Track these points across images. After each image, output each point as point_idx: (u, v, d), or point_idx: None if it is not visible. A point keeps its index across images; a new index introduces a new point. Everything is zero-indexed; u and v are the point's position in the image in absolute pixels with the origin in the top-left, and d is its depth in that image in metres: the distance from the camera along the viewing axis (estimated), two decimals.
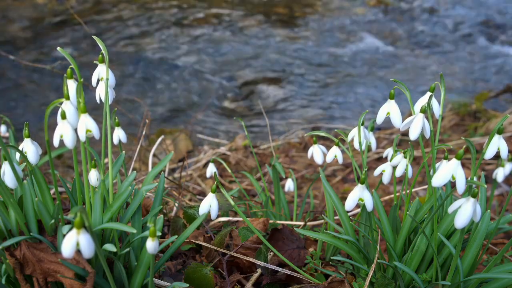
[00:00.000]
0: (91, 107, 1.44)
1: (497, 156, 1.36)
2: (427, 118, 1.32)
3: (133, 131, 4.48)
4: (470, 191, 1.20)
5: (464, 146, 1.24)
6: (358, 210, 2.09)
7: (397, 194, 1.81)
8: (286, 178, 2.22)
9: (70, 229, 0.94)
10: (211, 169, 2.21)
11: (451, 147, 1.38)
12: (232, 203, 1.46)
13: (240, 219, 1.95)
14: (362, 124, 1.60)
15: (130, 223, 1.46)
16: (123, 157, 1.60)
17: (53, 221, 1.35)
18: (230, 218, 1.97)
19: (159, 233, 1.16)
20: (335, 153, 1.68)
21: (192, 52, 6.83)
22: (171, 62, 6.58)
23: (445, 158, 1.47)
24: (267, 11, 8.03)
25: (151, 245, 1.11)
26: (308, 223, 1.97)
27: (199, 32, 7.37)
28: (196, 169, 3.86)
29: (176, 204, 2.08)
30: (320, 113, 5.64)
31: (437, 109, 1.45)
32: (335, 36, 7.36)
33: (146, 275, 1.36)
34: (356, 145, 1.62)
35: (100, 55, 1.39)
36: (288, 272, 1.61)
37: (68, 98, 1.23)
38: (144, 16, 7.77)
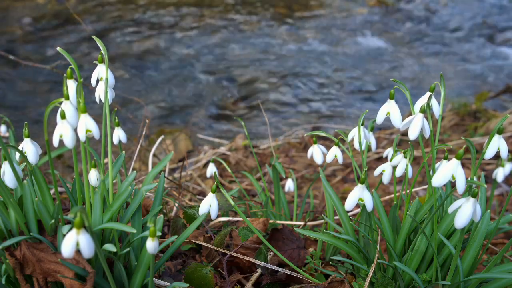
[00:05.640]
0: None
1: (497, 156, 1.36)
2: (426, 118, 1.32)
3: (133, 131, 4.48)
4: (470, 191, 1.20)
5: (464, 146, 1.24)
6: (358, 210, 2.09)
7: (397, 194, 1.81)
8: (286, 178, 2.22)
9: (70, 229, 0.94)
10: (211, 169, 2.21)
11: (451, 147, 1.38)
12: (232, 203, 1.46)
13: (240, 219, 1.95)
14: (362, 124, 1.60)
15: (130, 223, 1.46)
16: (123, 157, 1.60)
17: (53, 221, 1.35)
18: (230, 218, 1.97)
19: (159, 233, 1.16)
20: (335, 153, 1.68)
21: (192, 52, 6.83)
22: (171, 62, 6.58)
23: (445, 158, 1.47)
24: (267, 11, 8.03)
25: (151, 245, 1.11)
26: (308, 223, 1.97)
27: (199, 32, 7.37)
28: (196, 169, 3.86)
29: (176, 204, 2.08)
30: (320, 113, 5.64)
31: (437, 109, 1.45)
32: (335, 36, 7.36)
33: (146, 275, 1.36)
34: (356, 145, 1.62)
35: (100, 55, 1.39)
36: (288, 272, 1.61)
37: (67, 98, 1.23)
38: (144, 16, 7.77)
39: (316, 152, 1.80)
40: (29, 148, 1.32)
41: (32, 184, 1.38)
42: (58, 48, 1.32)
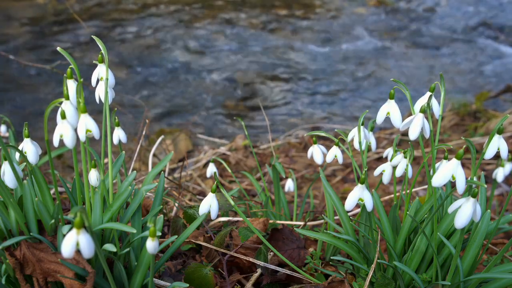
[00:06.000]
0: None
1: (497, 156, 1.36)
2: (426, 118, 1.32)
3: (133, 131, 4.48)
4: (470, 191, 1.20)
5: (464, 146, 1.24)
6: (358, 210, 2.09)
7: (397, 194, 1.81)
8: (286, 178, 2.22)
9: (70, 229, 0.94)
10: (211, 169, 2.21)
11: (451, 147, 1.38)
12: (232, 203, 1.46)
13: (240, 219, 1.95)
14: (362, 124, 1.60)
15: (130, 223, 1.45)
16: (123, 157, 1.60)
17: (53, 221, 1.35)
18: (230, 218, 1.97)
19: (159, 233, 1.16)
20: (335, 153, 1.68)
21: (192, 52, 6.84)
22: (171, 62, 6.58)
23: (445, 158, 1.47)
24: (267, 11, 8.03)
25: (151, 245, 1.11)
26: (308, 223, 1.97)
27: (199, 32, 7.37)
28: (196, 169, 3.86)
29: (176, 204, 2.08)
30: (320, 113, 5.64)
31: (437, 109, 1.45)
32: (335, 36, 7.36)
33: (146, 275, 1.36)
34: (356, 145, 1.62)
35: (100, 55, 1.39)
36: (288, 272, 1.61)
37: (68, 98, 1.23)
38: (144, 16, 7.77)
39: (316, 152, 1.80)
40: (29, 148, 1.32)
41: (32, 184, 1.38)
42: (58, 48, 1.32)
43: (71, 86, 1.28)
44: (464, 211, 1.19)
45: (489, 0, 8.48)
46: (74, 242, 0.91)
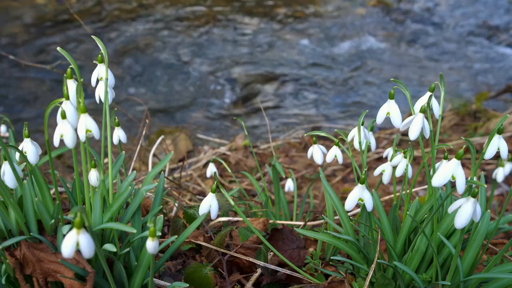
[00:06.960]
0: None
1: (497, 156, 1.36)
2: (426, 118, 1.32)
3: (133, 131, 4.48)
4: (470, 191, 1.20)
5: (464, 146, 1.24)
6: (358, 210, 2.09)
7: (397, 194, 1.81)
8: (286, 178, 2.22)
9: (70, 229, 0.94)
10: (211, 169, 2.21)
11: (451, 147, 1.38)
12: (232, 203, 1.46)
13: (240, 219, 1.95)
14: (362, 124, 1.60)
15: (130, 223, 1.46)
16: (123, 157, 1.60)
17: (53, 221, 1.35)
18: (230, 218, 1.97)
19: (159, 233, 1.16)
20: (335, 153, 1.68)
21: (192, 52, 6.83)
22: (171, 62, 6.58)
23: (445, 158, 1.47)
24: (267, 11, 8.03)
25: (151, 245, 1.11)
26: (308, 223, 1.97)
27: (198, 32, 7.37)
28: (196, 169, 3.86)
29: (176, 204, 2.08)
30: (320, 113, 5.64)
31: (437, 109, 1.45)
32: (335, 36, 7.36)
33: (146, 275, 1.36)
34: (356, 145, 1.62)
35: (100, 55, 1.39)
36: (288, 272, 1.61)
37: (68, 98, 1.23)
38: (144, 16, 7.77)
39: (316, 152, 1.80)
40: (29, 148, 1.32)
41: (32, 184, 1.38)
42: (58, 48, 1.32)
43: (71, 86, 1.28)
44: (464, 211, 1.19)
45: (489, 0, 8.48)
46: (74, 242, 0.91)
